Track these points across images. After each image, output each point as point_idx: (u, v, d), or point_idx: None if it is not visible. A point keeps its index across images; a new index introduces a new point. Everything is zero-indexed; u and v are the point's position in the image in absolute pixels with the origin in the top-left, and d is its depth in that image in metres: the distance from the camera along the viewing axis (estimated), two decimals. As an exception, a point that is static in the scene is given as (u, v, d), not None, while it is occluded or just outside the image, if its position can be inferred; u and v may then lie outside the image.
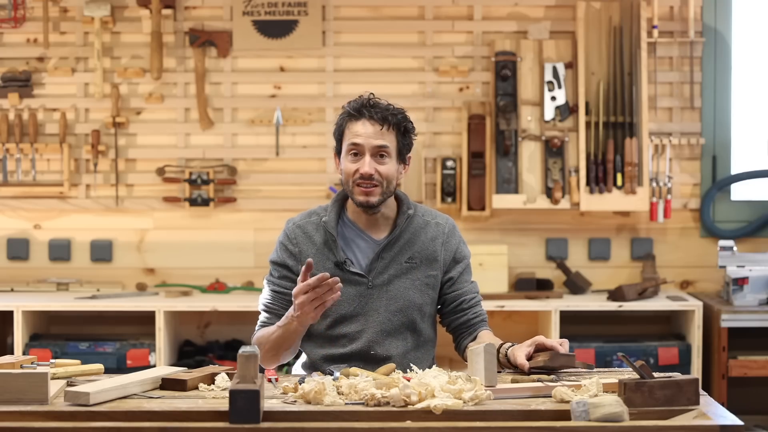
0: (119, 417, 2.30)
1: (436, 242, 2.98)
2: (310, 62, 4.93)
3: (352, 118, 2.89)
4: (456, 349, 3.03)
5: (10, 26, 4.86)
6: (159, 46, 4.84)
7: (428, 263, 2.96)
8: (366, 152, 2.86)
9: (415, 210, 3.00)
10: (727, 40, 4.93)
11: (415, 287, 2.94)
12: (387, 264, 2.93)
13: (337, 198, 3.00)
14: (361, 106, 2.89)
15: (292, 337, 2.81)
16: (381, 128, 2.86)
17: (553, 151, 4.81)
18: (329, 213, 2.96)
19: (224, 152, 4.93)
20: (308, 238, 2.95)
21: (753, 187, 5.00)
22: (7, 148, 4.88)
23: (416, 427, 2.22)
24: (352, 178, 2.87)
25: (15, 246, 4.94)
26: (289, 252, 2.96)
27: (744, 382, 4.63)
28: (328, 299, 2.65)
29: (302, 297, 2.66)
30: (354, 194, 2.89)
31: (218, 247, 4.94)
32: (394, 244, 2.94)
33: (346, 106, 2.92)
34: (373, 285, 2.92)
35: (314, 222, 2.97)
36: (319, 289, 2.63)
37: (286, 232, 2.99)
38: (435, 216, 3.03)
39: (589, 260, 4.96)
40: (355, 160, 2.87)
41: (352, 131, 2.88)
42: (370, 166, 2.85)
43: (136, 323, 4.77)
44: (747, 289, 4.57)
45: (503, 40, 4.87)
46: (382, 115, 2.87)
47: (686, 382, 2.36)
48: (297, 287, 2.68)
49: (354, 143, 2.87)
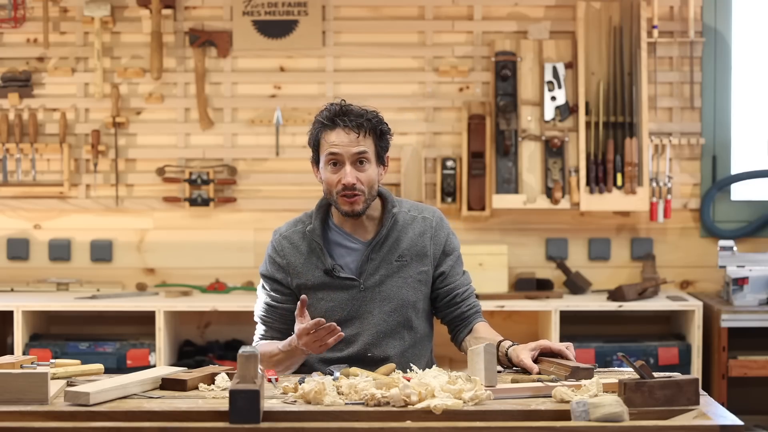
0: (119, 417, 2.30)
1: (425, 237, 2.96)
2: (310, 62, 4.93)
3: (327, 128, 2.86)
4: (452, 340, 3.04)
5: (10, 26, 4.86)
6: (159, 46, 4.84)
7: (418, 259, 2.96)
8: (345, 161, 2.84)
9: (400, 206, 2.98)
10: (727, 40, 4.93)
11: (407, 285, 2.94)
12: (377, 265, 2.93)
13: (320, 204, 2.98)
14: (335, 115, 2.86)
15: (295, 361, 2.87)
16: (357, 135, 2.84)
17: (553, 151, 4.81)
18: (314, 221, 2.95)
19: (224, 152, 4.93)
20: (295, 248, 2.95)
21: (753, 187, 5.00)
22: (7, 148, 4.88)
23: (416, 427, 2.22)
24: (335, 188, 2.86)
25: (15, 246, 4.94)
26: (277, 265, 2.96)
27: (744, 382, 4.63)
28: (329, 340, 2.70)
29: (305, 338, 2.71)
30: (338, 204, 2.88)
31: (218, 247, 4.94)
32: (382, 244, 2.93)
33: (318, 116, 2.89)
34: (365, 287, 2.92)
35: (300, 231, 2.96)
36: (318, 332, 2.68)
37: (273, 244, 2.99)
38: (421, 210, 3.01)
39: (589, 260, 4.96)
40: (335, 170, 2.86)
41: (328, 141, 2.85)
42: (351, 175, 2.83)
43: (136, 323, 4.77)
44: (747, 289, 4.57)
45: (503, 40, 4.87)
46: (356, 122, 2.84)
47: (686, 382, 2.36)
48: (298, 329, 2.72)
49: (332, 152, 2.84)
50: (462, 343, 2.98)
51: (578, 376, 2.57)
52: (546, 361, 2.69)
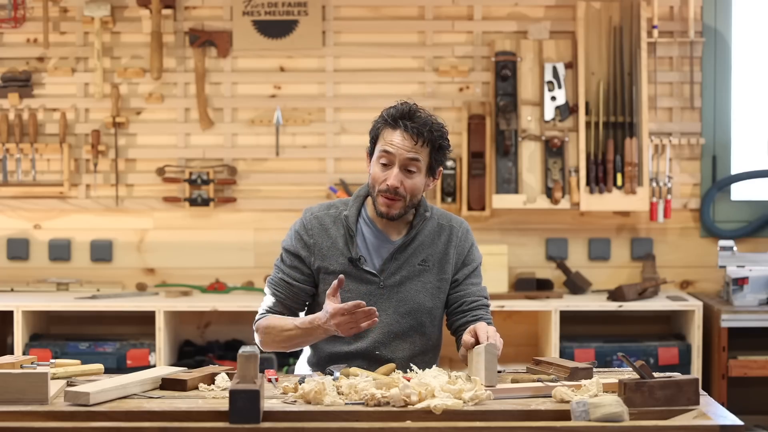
0: (119, 417, 2.30)
1: (450, 246, 2.97)
2: (310, 62, 4.93)
3: (389, 126, 2.86)
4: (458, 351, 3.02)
5: (10, 26, 4.86)
6: (159, 46, 4.84)
7: (440, 267, 2.96)
8: (396, 163, 2.84)
9: (432, 213, 2.99)
10: (727, 40, 4.93)
11: (426, 290, 2.94)
12: (400, 265, 2.93)
13: (359, 194, 2.98)
14: (400, 115, 2.85)
15: (309, 340, 2.85)
16: (415, 143, 2.83)
17: (553, 151, 4.81)
18: (350, 208, 2.95)
19: (224, 152, 4.93)
20: (324, 230, 2.94)
21: (753, 187, 4.99)
22: (7, 148, 4.88)
23: (416, 427, 2.22)
24: (379, 186, 2.86)
25: (15, 246, 4.94)
26: (303, 242, 2.94)
27: (744, 382, 4.63)
28: (363, 324, 2.67)
29: (339, 318, 2.68)
30: (377, 202, 2.88)
31: (218, 247, 4.94)
32: (408, 246, 2.94)
33: (385, 111, 2.88)
34: (385, 285, 2.92)
35: (332, 215, 2.96)
36: (356, 314, 2.66)
37: (303, 221, 2.96)
38: (450, 219, 3.01)
39: (589, 260, 4.96)
40: (384, 168, 2.86)
41: (386, 139, 2.85)
42: (396, 179, 2.83)
43: (136, 323, 4.77)
44: (747, 289, 4.57)
45: (503, 40, 4.87)
46: (419, 130, 2.83)
47: (686, 382, 2.36)
48: (333, 309, 2.69)
49: (386, 151, 2.84)
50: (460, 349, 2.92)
51: (578, 377, 2.56)
52: (545, 362, 2.69)
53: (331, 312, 2.69)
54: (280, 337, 2.85)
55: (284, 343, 2.86)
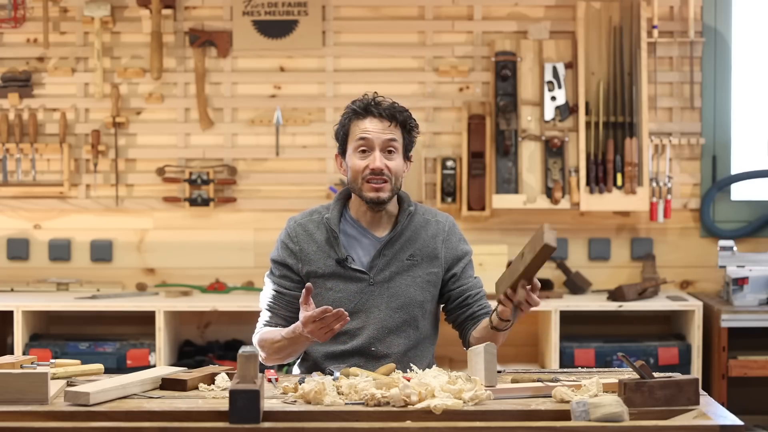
0: (119, 417, 2.30)
1: (437, 240, 2.99)
2: (310, 62, 4.93)
3: (359, 116, 2.91)
4: (463, 344, 3.03)
5: (10, 26, 4.86)
6: (159, 46, 4.84)
7: (429, 260, 2.98)
8: (375, 147, 2.88)
9: (416, 208, 3.02)
10: (727, 40, 4.93)
11: (416, 284, 2.96)
12: (388, 261, 2.94)
13: (339, 196, 3.01)
14: (367, 104, 2.91)
15: (297, 348, 2.88)
16: (389, 124, 2.90)
17: (553, 151, 4.81)
18: (332, 210, 2.98)
19: (224, 152, 4.93)
20: (309, 236, 2.97)
21: (753, 187, 4.99)
22: (7, 148, 4.88)
23: (416, 427, 2.22)
24: (362, 174, 2.89)
25: (15, 246, 4.94)
26: (289, 250, 2.97)
27: (744, 382, 4.63)
28: (335, 326, 2.70)
29: (311, 326, 2.71)
30: (363, 191, 2.90)
31: (218, 247, 4.94)
32: (395, 241, 2.95)
33: (350, 105, 2.94)
34: (375, 282, 2.94)
35: (316, 220, 2.99)
36: (325, 319, 2.68)
37: (287, 230, 3.00)
38: (435, 214, 3.04)
39: (589, 260, 4.96)
40: (364, 156, 2.89)
41: (359, 128, 2.90)
42: (380, 160, 2.87)
43: (136, 323, 4.77)
44: (747, 289, 4.57)
45: (503, 40, 4.87)
46: (389, 112, 2.90)
47: (686, 382, 2.36)
48: (304, 317, 2.72)
49: (363, 137, 2.88)
50: (469, 340, 2.96)
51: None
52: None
53: (303, 321, 2.73)
54: (271, 349, 2.89)
55: (277, 355, 2.90)
